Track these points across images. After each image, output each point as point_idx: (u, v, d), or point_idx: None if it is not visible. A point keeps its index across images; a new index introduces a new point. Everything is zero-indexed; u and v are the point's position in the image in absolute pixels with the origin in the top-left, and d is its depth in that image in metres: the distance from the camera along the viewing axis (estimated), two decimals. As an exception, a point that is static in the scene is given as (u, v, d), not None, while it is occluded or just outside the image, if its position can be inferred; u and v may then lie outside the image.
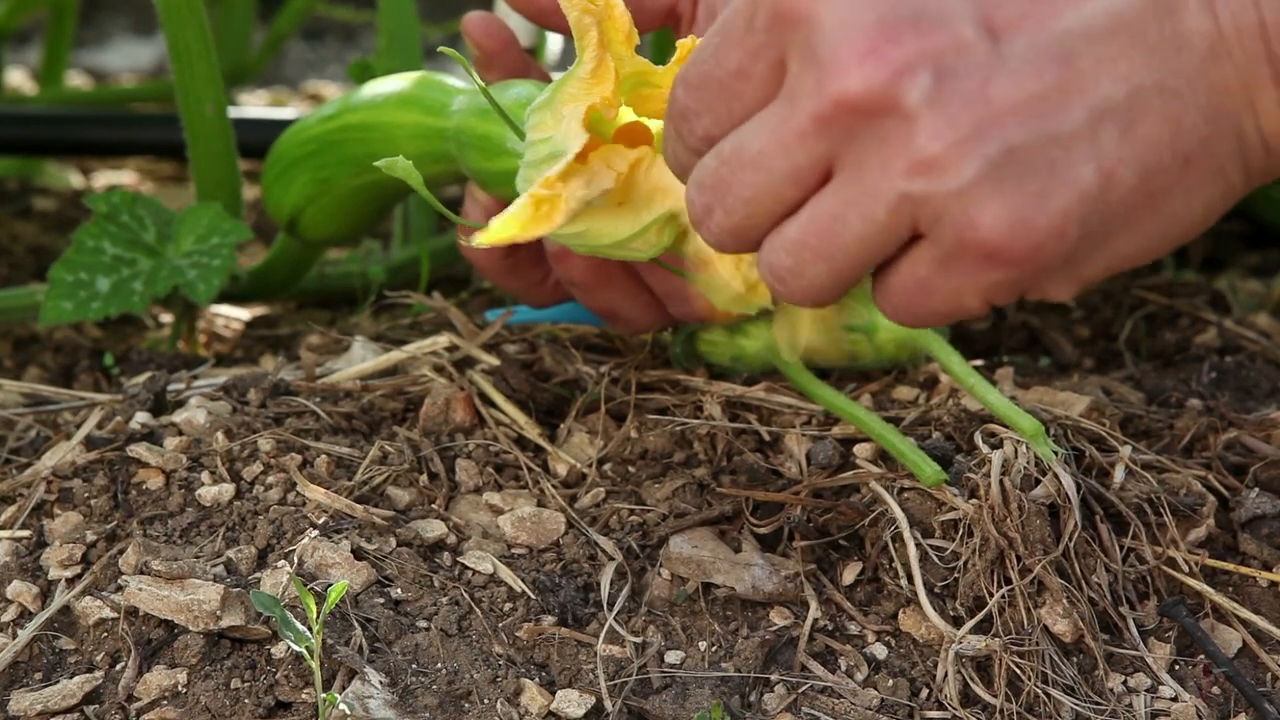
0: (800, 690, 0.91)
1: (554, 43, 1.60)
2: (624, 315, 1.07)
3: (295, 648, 0.85)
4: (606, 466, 1.04)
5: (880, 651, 0.94)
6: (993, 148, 0.69)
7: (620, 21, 0.84)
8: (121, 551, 0.95)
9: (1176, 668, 0.95)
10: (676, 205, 0.87)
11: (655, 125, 0.88)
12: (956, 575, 0.94)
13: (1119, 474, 1.01)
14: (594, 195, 0.84)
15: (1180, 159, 0.71)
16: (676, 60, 0.85)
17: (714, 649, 0.93)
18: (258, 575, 0.92)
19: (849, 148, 0.71)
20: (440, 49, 0.88)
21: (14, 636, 0.92)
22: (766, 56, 0.73)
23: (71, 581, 0.94)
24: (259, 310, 1.40)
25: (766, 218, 0.75)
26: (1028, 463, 0.96)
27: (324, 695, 0.84)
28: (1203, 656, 0.95)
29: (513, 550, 0.97)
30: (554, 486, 1.02)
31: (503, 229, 0.82)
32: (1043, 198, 0.70)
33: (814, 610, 0.95)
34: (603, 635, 0.92)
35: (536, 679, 0.89)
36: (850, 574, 0.97)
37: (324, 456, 1.01)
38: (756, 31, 0.73)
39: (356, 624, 0.89)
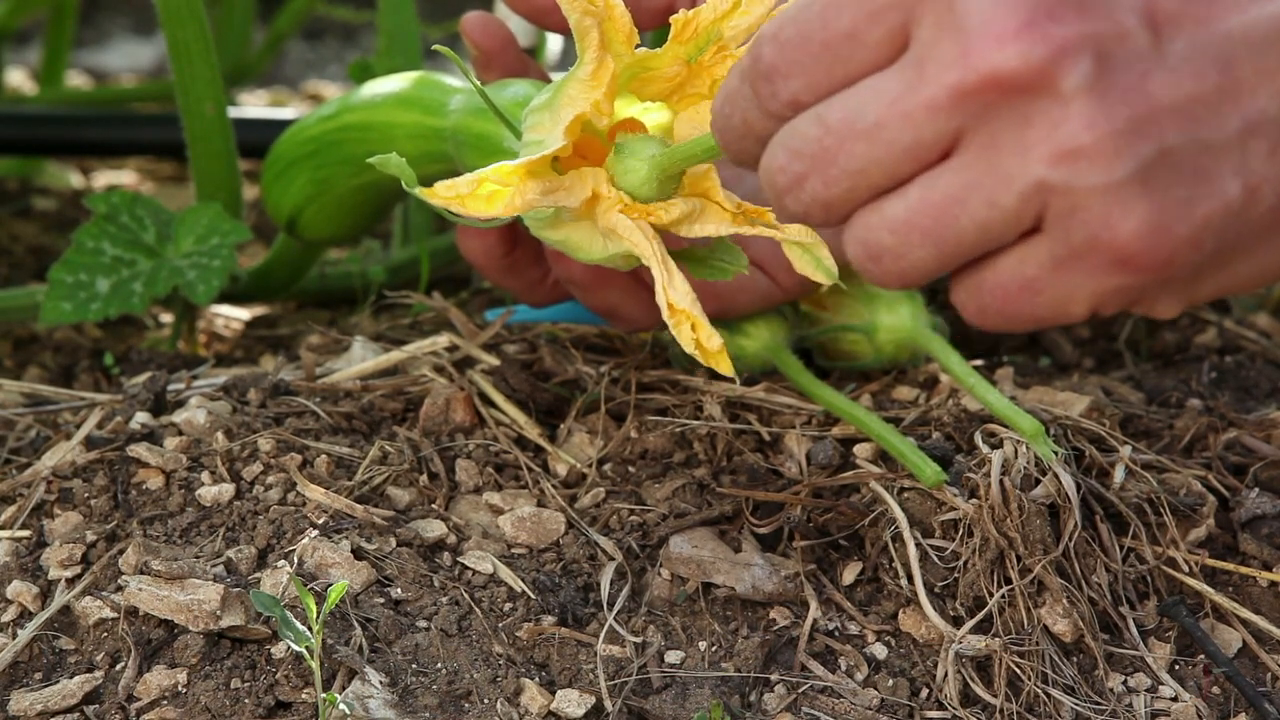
0: (800, 690, 0.91)
1: (553, 43, 1.60)
2: (623, 314, 1.07)
3: (295, 648, 0.85)
4: (606, 466, 1.04)
5: (880, 651, 0.94)
6: (1148, 147, 0.66)
7: (621, 22, 0.84)
8: (121, 551, 0.95)
9: (1176, 668, 0.95)
10: (635, 250, 0.85)
11: (650, 121, 0.88)
12: (956, 575, 0.94)
13: (1119, 474, 1.01)
14: (548, 205, 0.83)
15: None
16: (674, 38, 0.85)
17: (714, 649, 0.93)
18: (258, 575, 0.92)
19: (983, 125, 0.67)
20: (435, 47, 0.88)
21: (14, 636, 0.92)
22: (888, 20, 0.68)
23: (71, 581, 0.94)
24: (259, 310, 1.40)
25: (870, 191, 0.70)
26: (1028, 463, 0.96)
27: (324, 695, 0.84)
28: (1203, 656, 0.95)
29: (513, 550, 0.97)
30: (554, 486, 1.02)
31: (445, 190, 0.81)
32: (1188, 206, 0.67)
33: (814, 610, 0.95)
34: (603, 635, 0.92)
35: (536, 679, 0.89)
36: (850, 574, 0.97)
37: (324, 456, 1.01)
38: None
39: (356, 624, 0.89)
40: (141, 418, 1.04)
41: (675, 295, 0.83)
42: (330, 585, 0.89)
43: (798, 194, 0.71)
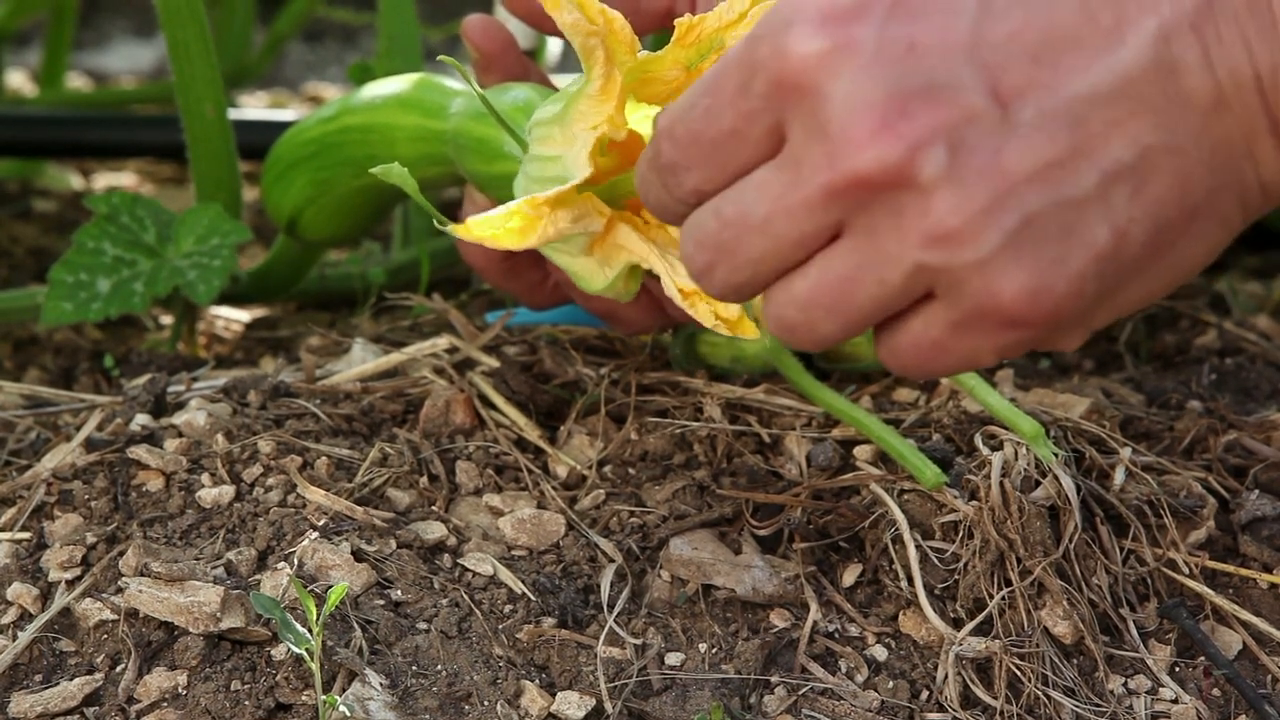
0: (800, 692, 0.91)
1: (553, 46, 1.60)
2: (623, 317, 1.07)
3: (295, 649, 0.85)
4: (607, 468, 1.04)
5: (880, 653, 0.94)
6: (1010, 219, 0.70)
7: (622, 35, 0.84)
8: (122, 553, 0.95)
9: (1177, 669, 0.95)
10: (633, 257, 0.87)
11: (647, 129, 0.88)
12: (957, 577, 0.94)
13: (1119, 476, 1.01)
14: (578, 232, 0.84)
15: (1187, 212, 0.72)
16: (676, 41, 0.85)
17: (714, 651, 0.93)
18: (258, 577, 0.92)
19: (860, 215, 0.72)
20: (440, 58, 0.88)
21: (14, 638, 0.92)
22: (763, 121, 0.73)
23: (72, 583, 0.94)
24: (259, 312, 1.40)
25: (772, 274, 0.75)
26: (1028, 464, 0.96)
27: (324, 697, 0.84)
28: (1203, 658, 0.95)
29: (513, 552, 0.97)
30: (554, 488, 1.02)
31: (478, 228, 0.82)
32: (1061, 263, 0.71)
33: (814, 612, 0.95)
34: (603, 637, 0.92)
35: (537, 681, 0.89)
36: (850, 576, 0.97)
37: (324, 458, 1.01)
38: (752, 96, 0.73)
39: (356, 626, 0.89)
40: (141, 419, 1.04)
41: (683, 280, 0.85)
42: (330, 587, 0.89)
43: (710, 279, 0.77)
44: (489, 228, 0.82)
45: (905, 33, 0.70)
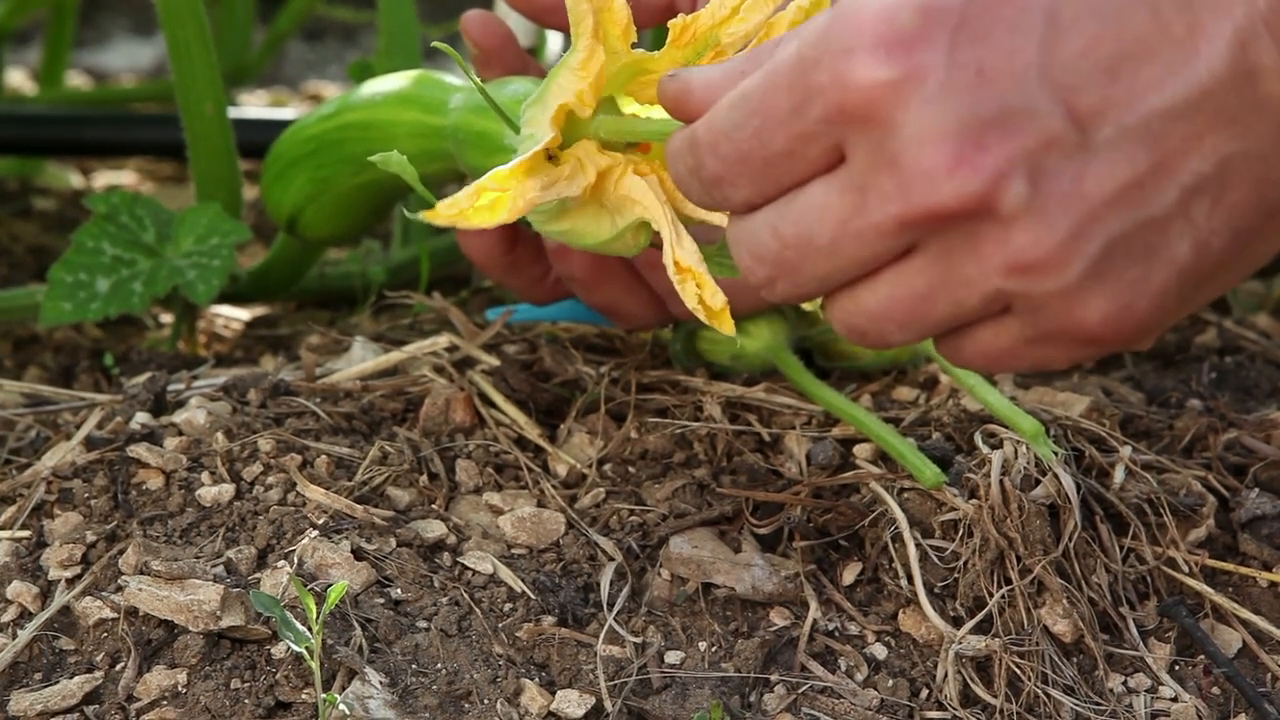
0: (800, 690, 0.91)
1: (553, 43, 1.60)
2: (624, 312, 1.07)
3: (295, 648, 0.85)
4: (606, 467, 1.04)
5: (880, 652, 0.94)
6: (1094, 245, 0.69)
7: (619, 15, 0.83)
8: (121, 552, 0.95)
9: (1176, 668, 0.95)
10: (646, 214, 0.86)
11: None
12: (956, 575, 0.94)
13: (1119, 474, 1.01)
14: (551, 199, 0.83)
15: (1265, 215, 0.71)
16: (671, 43, 0.85)
17: (714, 649, 0.93)
18: (258, 575, 0.92)
19: (935, 240, 0.70)
20: (435, 44, 0.88)
21: (14, 637, 0.92)
22: (821, 141, 0.71)
23: (71, 582, 0.94)
24: (259, 310, 1.40)
25: (838, 286, 0.74)
26: (1028, 463, 0.96)
27: (324, 695, 0.84)
28: (1203, 657, 0.95)
29: (513, 550, 0.97)
30: (554, 487, 1.02)
31: (446, 210, 0.81)
32: (1144, 281, 0.70)
33: (814, 610, 0.95)
34: (603, 635, 0.92)
35: (536, 679, 0.89)
36: (850, 574, 0.97)
37: (324, 457, 1.01)
38: (809, 120, 0.71)
39: (356, 624, 0.89)
40: (141, 418, 1.04)
41: (683, 254, 0.84)
42: (330, 585, 0.89)
43: (771, 290, 0.76)
44: (456, 208, 0.82)
45: (973, 56, 0.68)
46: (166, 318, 1.37)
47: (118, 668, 0.90)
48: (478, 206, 0.82)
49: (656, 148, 0.85)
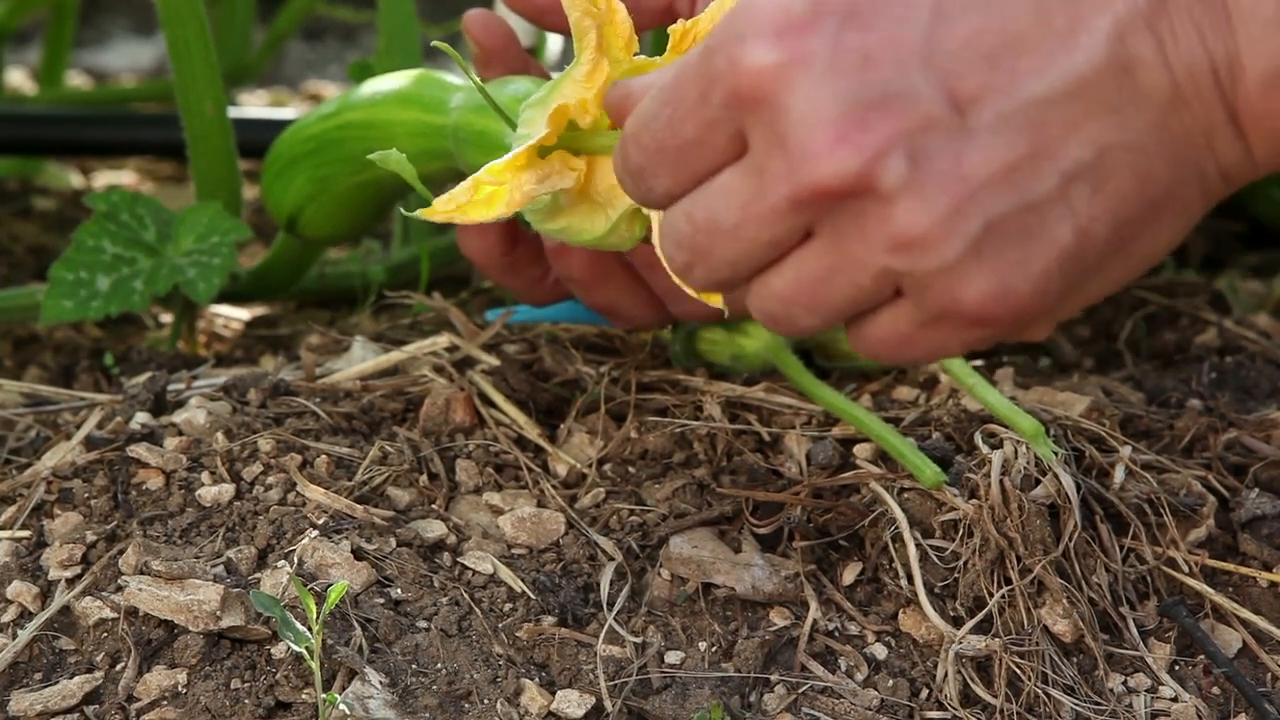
0: (800, 690, 0.91)
1: (554, 42, 1.60)
2: (624, 312, 1.07)
3: (295, 648, 0.85)
4: (606, 467, 1.04)
5: (880, 652, 0.94)
6: (973, 224, 0.71)
7: (621, 28, 0.84)
8: (121, 552, 0.95)
9: (1176, 668, 0.95)
10: (631, 206, 0.87)
11: None
12: (956, 575, 0.94)
13: (1119, 474, 1.01)
14: (545, 192, 0.84)
15: (1149, 205, 0.73)
16: (672, 48, 0.85)
17: (714, 649, 0.93)
18: (258, 575, 0.92)
19: (827, 221, 0.73)
20: (434, 43, 0.88)
21: (14, 637, 0.92)
22: (725, 129, 0.74)
23: (71, 582, 0.94)
24: (259, 310, 1.40)
25: (750, 271, 0.77)
26: (1028, 463, 0.96)
27: (324, 695, 0.84)
28: (1203, 657, 0.95)
29: (513, 550, 0.97)
30: (554, 487, 1.02)
31: (443, 205, 0.82)
32: (1024, 264, 0.72)
33: (814, 610, 0.95)
34: (603, 635, 0.92)
35: (536, 679, 0.89)
36: (850, 574, 0.97)
37: (324, 457, 1.01)
38: (712, 106, 0.73)
39: (356, 624, 0.89)
40: (141, 418, 1.04)
41: None
42: (330, 585, 0.89)
43: (690, 277, 0.78)
44: (453, 202, 0.83)
45: (859, 42, 0.71)
46: (166, 318, 1.37)
47: (118, 668, 0.90)
48: (475, 200, 0.83)
49: None
